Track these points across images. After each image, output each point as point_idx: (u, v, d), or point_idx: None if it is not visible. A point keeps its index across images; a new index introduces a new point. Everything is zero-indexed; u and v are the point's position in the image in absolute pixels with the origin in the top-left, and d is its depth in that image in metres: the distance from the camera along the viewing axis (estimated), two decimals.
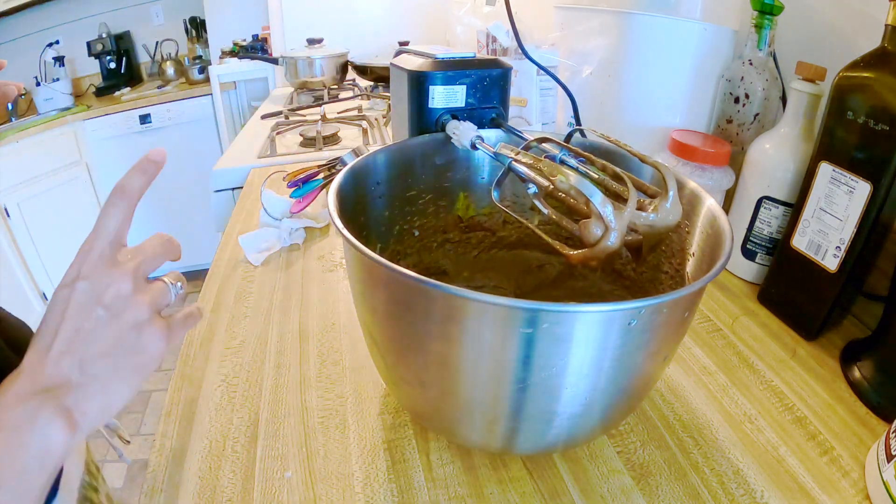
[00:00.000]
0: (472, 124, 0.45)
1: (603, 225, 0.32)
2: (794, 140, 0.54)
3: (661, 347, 0.31)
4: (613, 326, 0.28)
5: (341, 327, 0.52)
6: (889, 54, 0.44)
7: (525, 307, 0.26)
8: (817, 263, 0.50)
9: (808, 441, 0.41)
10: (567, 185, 0.33)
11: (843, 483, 0.38)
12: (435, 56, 0.49)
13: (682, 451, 0.40)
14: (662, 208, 0.34)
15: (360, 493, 0.36)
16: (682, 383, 0.46)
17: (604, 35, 0.71)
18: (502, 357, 0.29)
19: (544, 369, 0.29)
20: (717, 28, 0.66)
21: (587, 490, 0.37)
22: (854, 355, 0.48)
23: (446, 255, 0.51)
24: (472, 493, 0.36)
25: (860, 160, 0.45)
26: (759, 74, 0.63)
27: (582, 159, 0.40)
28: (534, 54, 0.68)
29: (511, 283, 0.53)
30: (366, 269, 0.31)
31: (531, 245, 0.52)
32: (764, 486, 0.37)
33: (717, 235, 0.34)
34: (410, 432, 0.40)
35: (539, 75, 0.76)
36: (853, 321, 0.55)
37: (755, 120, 0.65)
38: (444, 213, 0.50)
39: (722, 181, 0.60)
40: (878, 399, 0.44)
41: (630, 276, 0.47)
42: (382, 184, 0.45)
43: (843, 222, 0.47)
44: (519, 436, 0.33)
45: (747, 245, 0.59)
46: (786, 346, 0.51)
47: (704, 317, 0.55)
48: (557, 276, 0.52)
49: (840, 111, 0.46)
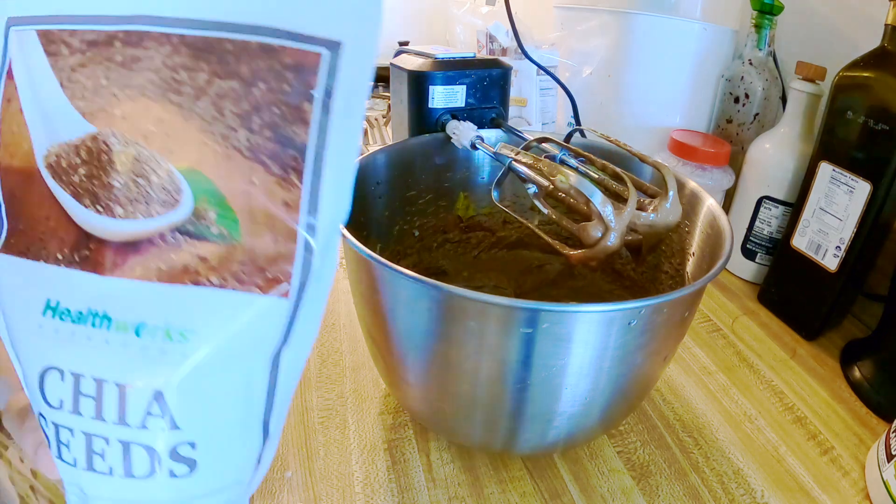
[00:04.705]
0: (472, 124, 0.45)
1: (603, 225, 0.32)
2: (794, 140, 0.54)
3: (661, 347, 0.31)
4: (613, 326, 0.28)
5: (341, 327, 0.52)
6: (889, 54, 0.44)
7: (525, 307, 0.26)
8: (817, 263, 0.50)
9: (808, 441, 0.41)
10: (567, 184, 0.33)
11: (843, 483, 0.38)
12: (435, 56, 0.49)
13: (682, 451, 0.40)
14: (662, 208, 0.34)
15: (360, 493, 0.36)
16: (682, 383, 0.46)
17: (604, 35, 0.71)
18: (502, 357, 0.29)
19: (544, 369, 0.29)
20: (717, 28, 0.66)
21: (587, 490, 0.37)
22: (854, 355, 0.48)
23: (446, 255, 0.51)
24: (472, 493, 0.36)
25: (860, 160, 0.45)
26: (759, 74, 0.63)
27: (582, 159, 0.40)
28: (534, 54, 0.68)
29: (511, 283, 0.53)
30: (366, 269, 0.31)
31: (531, 245, 0.52)
32: (764, 486, 0.37)
33: (717, 235, 0.34)
34: (410, 432, 0.40)
35: (539, 75, 0.76)
36: (853, 321, 0.55)
37: (755, 120, 0.65)
38: (444, 213, 0.50)
39: (722, 181, 0.60)
40: (878, 399, 0.44)
41: (630, 276, 0.47)
42: (382, 184, 0.45)
43: (843, 222, 0.47)
44: (519, 436, 0.33)
45: (747, 245, 0.59)
46: (786, 345, 0.51)
47: (704, 317, 0.55)
48: (557, 276, 0.52)
49: (840, 111, 0.46)
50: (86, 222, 0.24)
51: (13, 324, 0.24)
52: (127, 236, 0.23)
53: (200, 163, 0.23)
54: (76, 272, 0.23)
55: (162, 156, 0.23)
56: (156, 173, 0.23)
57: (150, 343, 0.23)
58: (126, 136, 0.23)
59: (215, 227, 0.23)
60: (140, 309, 0.23)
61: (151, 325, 0.23)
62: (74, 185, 0.23)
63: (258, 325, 0.24)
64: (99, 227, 0.24)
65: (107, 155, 0.23)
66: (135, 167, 0.23)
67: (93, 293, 0.23)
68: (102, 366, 0.23)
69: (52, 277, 0.24)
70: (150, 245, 0.23)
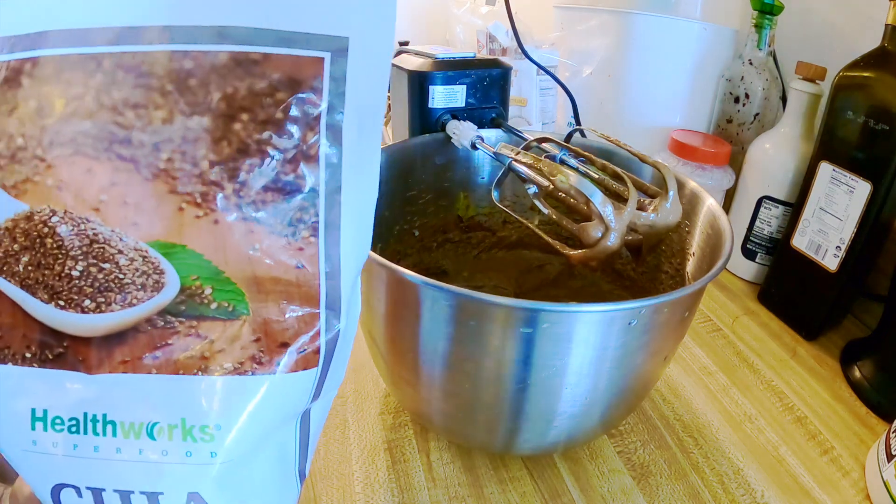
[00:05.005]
0: (472, 124, 0.45)
1: (603, 225, 0.32)
2: (794, 140, 0.54)
3: (661, 347, 0.31)
4: (614, 326, 0.28)
5: None
6: (889, 54, 0.44)
7: (526, 307, 0.26)
8: (817, 263, 0.50)
9: (809, 441, 0.41)
10: (567, 185, 0.33)
11: (843, 483, 0.38)
12: (435, 56, 0.49)
13: (682, 451, 0.40)
14: (662, 208, 0.34)
15: (360, 493, 0.36)
16: (682, 383, 0.46)
17: (604, 35, 0.71)
18: (504, 357, 0.29)
19: (545, 369, 0.29)
20: (717, 28, 0.66)
21: (587, 490, 0.37)
22: (854, 355, 0.48)
23: (446, 255, 0.51)
24: (472, 494, 0.36)
25: (860, 160, 0.45)
26: (759, 74, 0.63)
27: (582, 159, 0.40)
28: (534, 54, 0.68)
29: (511, 283, 0.53)
30: (367, 270, 0.31)
31: (531, 245, 0.52)
32: (764, 486, 0.37)
33: (717, 235, 0.34)
34: (410, 432, 0.40)
35: (539, 75, 0.76)
36: (853, 321, 0.55)
37: (755, 120, 0.65)
38: (444, 213, 0.50)
39: (722, 181, 0.60)
40: (878, 399, 0.44)
41: (630, 275, 0.47)
42: (382, 184, 0.44)
43: (844, 222, 0.47)
44: (520, 436, 0.33)
45: (747, 245, 0.59)
46: (786, 345, 0.51)
47: (704, 317, 0.55)
48: (557, 276, 0.52)
49: (840, 111, 0.46)
50: (50, 319, 0.19)
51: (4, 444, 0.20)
52: (105, 330, 0.19)
53: (179, 234, 0.18)
54: (54, 372, 0.19)
55: (126, 232, 0.18)
56: (123, 255, 0.18)
57: (170, 445, 0.19)
58: (71, 213, 0.18)
59: (214, 303, 0.19)
60: (146, 407, 0.19)
61: (166, 425, 0.19)
62: (20, 277, 0.18)
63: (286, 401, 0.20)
64: (67, 323, 0.19)
65: (52, 239, 0.18)
66: (93, 251, 0.18)
67: (83, 395, 0.19)
68: (122, 478, 0.19)
69: (28, 381, 0.19)
70: (137, 333, 0.19)
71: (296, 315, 0.19)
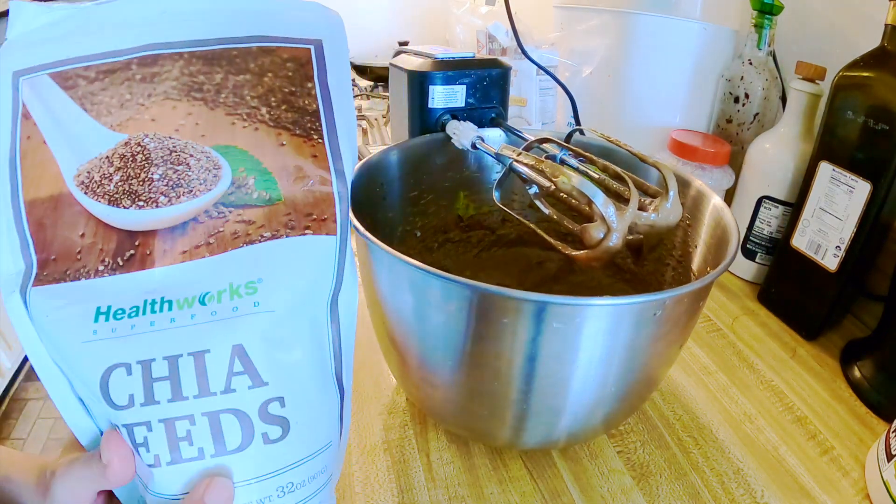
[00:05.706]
0: (472, 124, 0.45)
1: (605, 226, 0.32)
2: (794, 140, 0.54)
3: (680, 336, 0.33)
4: (642, 317, 0.29)
5: None
6: (889, 54, 0.44)
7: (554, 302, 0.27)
8: (817, 263, 0.50)
9: (808, 441, 0.41)
10: (569, 185, 0.33)
11: (843, 482, 0.38)
12: (434, 56, 0.48)
13: (682, 451, 0.40)
14: (663, 208, 0.34)
15: (360, 493, 0.36)
16: (682, 383, 0.46)
17: (604, 35, 0.71)
18: (526, 351, 0.29)
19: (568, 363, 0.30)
20: (717, 28, 0.66)
21: (587, 490, 0.37)
22: (854, 355, 0.48)
23: (447, 255, 0.51)
24: (472, 493, 0.36)
25: (860, 160, 0.45)
26: (759, 74, 0.63)
27: (582, 159, 0.40)
28: (533, 54, 0.68)
29: (513, 281, 0.53)
30: (393, 272, 0.32)
31: (530, 242, 0.52)
32: (764, 486, 0.37)
33: (724, 230, 0.35)
34: (410, 432, 0.40)
35: (539, 75, 0.76)
36: (853, 321, 0.55)
37: (755, 120, 0.65)
38: (445, 213, 0.50)
39: (722, 181, 0.60)
40: (878, 398, 0.44)
41: (630, 269, 0.47)
42: (385, 186, 0.44)
43: (843, 222, 0.47)
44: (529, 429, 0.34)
45: (747, 245, 0.59)
46: (786, 345, 0.51)
47: (704, 317, 0.55)
48: (557, 272, 0.52)
49: (840, 111, 0.46)
50: (128, 221, 0.25)
51: (62, 344, 0.23)
52: (174, 220, 0.25)
53: (234, 139, 0.26)
54: (123, 276, 0.24)
55: (196, 142, 0.26)
56: (193, 157, 0.26)
57: (219, 306, 0.23)
58: (159, 134, 0.26)
59: (255, 192, 0.26)
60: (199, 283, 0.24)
61: (216, 291, 0.23)
62: (109, 194, 0.25)
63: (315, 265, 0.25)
64: (145, 220, 0.25)
65: (142, 154, 0.25)
66: (171, 157, 0.26)
67: (145, 287, 0.24)
68: (173, 343, 0.22)
69: (98, 289, 0.24)
70: (196, 224, 0.25)
71: (315, 195, 0.26)
